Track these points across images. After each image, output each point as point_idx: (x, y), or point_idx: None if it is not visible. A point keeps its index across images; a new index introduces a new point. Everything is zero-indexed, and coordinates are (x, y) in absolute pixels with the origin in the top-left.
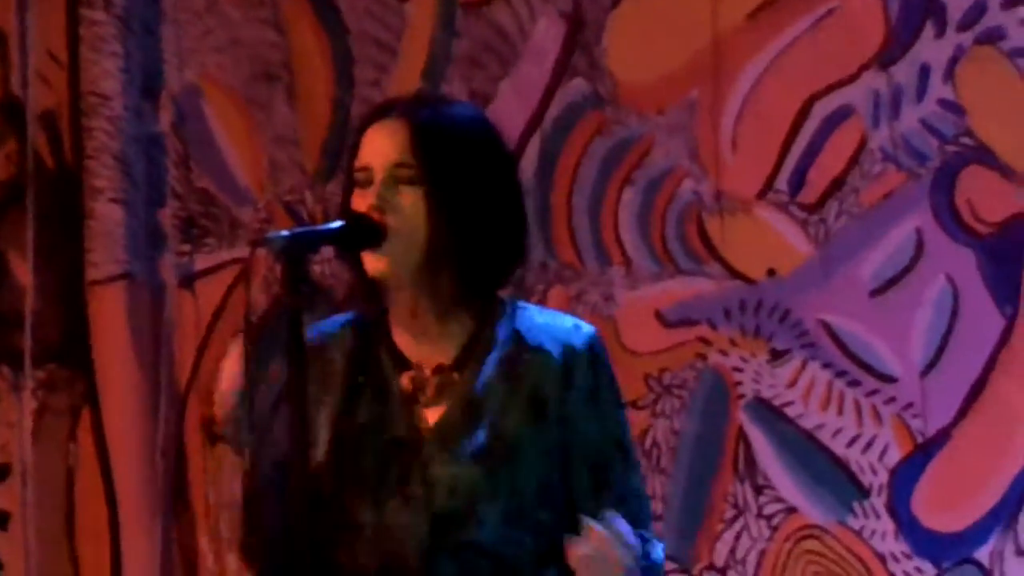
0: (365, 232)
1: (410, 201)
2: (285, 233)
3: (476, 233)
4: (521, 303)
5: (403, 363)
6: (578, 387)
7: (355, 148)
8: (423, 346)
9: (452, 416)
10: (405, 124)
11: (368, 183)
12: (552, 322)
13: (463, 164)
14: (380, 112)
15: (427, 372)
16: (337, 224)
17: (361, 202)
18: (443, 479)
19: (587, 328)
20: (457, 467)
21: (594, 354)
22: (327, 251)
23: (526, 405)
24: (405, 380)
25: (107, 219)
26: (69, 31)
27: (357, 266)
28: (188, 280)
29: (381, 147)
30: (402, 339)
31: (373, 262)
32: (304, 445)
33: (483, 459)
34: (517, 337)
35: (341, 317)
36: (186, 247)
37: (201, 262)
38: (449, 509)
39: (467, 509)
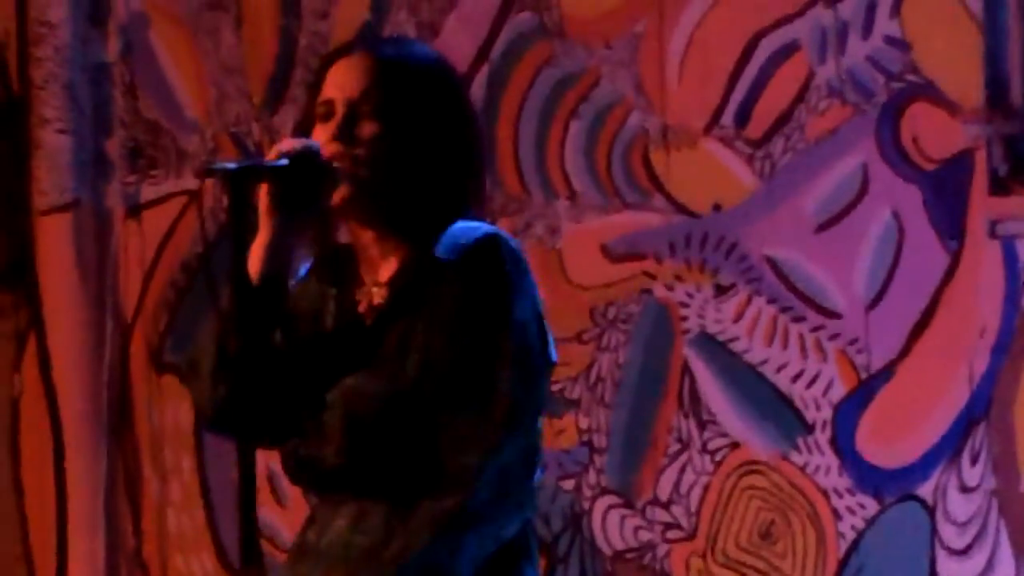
0: (311, 173)
1: (369, 132)
2: (232, 164)
3: (431, 166)
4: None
5: (354, 280)
6: (444, 290)
7: (318, 85)
8: (373, 267)
9: (372, 331)
10: (368, 58)
11: (330, 116)
12: (458, 232)
13: (422, 99)
14: (343, 50)
15: (370, 288)
16: (284, 161)
17: (322, 135)
18: (351, 388)
19: (479, 231)
20: (359, 378)
21: (472, 255)
22: None
23: (420, 318)
24: (356, 294)
25: (54, 148)
26: None
27: (298, 201)
28: (135, 209)
29: (344, 81)
30: (362, 258)
31: (336, 192)
32: (251, 368)
33: (377, 375)
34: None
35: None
36: (133, 176)
37: (148, 191)
38: (354, 418)
39: (368, 420)
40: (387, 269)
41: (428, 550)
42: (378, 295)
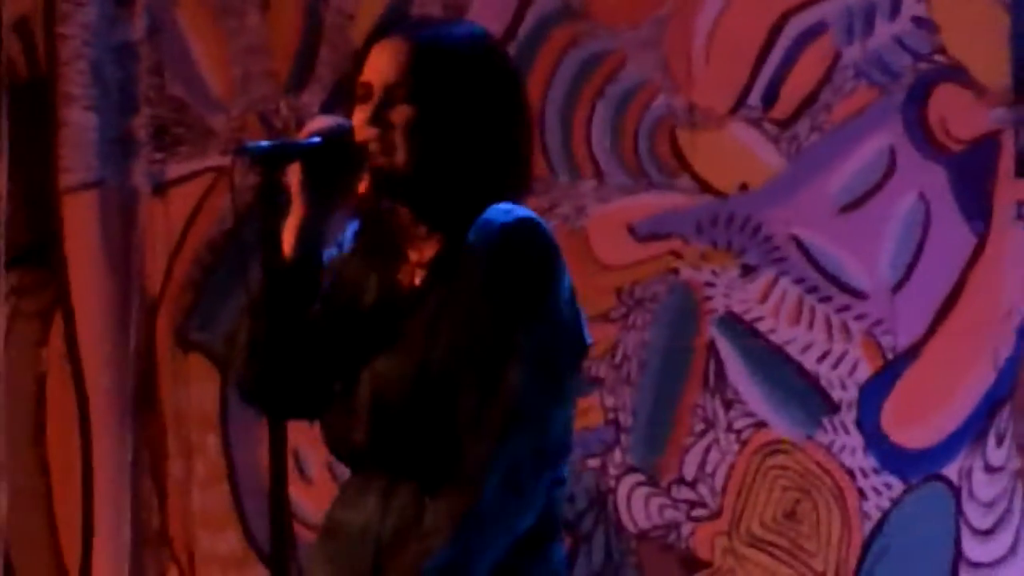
0: (343, 151)
1: (402, 118)
2: (265, 144)
3: (466, 153)
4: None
5: (397, 254)
6: (470, 275)
7: (359, 64)
8: (415, 245)
9: (405, 312)
10: (405, 43)
11: (367, 99)
12: (492, 214)
13: (457, 84)
14: (384, 30)
15: (412, 268)
16: (317, 139)
17: (359, 116)
18: (378, 368)
19: (511, 216)
20: (386, 359)
21: (501, 240)
22: None
23: (449, 302)
24: (398, 271)
25: (80, 126)
26: None
27: (329, 181)
28: (160, 187)
29: (381, 65)
30: (402, 234)
31: (368, 175)
32: (282, 346)
33: (404, 357)
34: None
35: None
36: (159, 155)
37: (173, 170)
38: (380, 400)
39: (393, 402)
40: (429, 250)
41: (446, 553)
42: (418, 276)
